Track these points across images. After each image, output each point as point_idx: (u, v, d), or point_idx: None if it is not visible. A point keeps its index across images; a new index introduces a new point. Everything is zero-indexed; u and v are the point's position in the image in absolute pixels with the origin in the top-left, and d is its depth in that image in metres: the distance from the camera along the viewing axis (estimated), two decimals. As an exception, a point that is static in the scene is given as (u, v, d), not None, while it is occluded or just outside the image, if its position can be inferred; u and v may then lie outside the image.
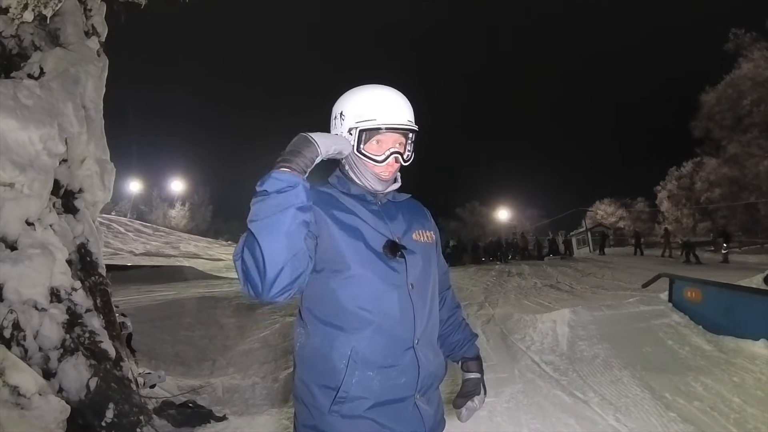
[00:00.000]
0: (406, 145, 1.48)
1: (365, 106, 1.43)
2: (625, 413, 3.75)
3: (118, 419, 3.62)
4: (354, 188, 1.45)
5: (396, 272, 1.37)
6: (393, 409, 1.32)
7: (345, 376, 1.27)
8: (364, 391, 1.29)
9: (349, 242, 1.32)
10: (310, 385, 1.32)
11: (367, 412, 1.29)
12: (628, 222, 37.97)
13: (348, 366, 1.28)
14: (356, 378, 1.28)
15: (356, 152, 1.43)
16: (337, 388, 1.28)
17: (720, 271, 13.04)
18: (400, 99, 1.47)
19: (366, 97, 1.46)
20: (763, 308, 5.24)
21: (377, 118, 1.41)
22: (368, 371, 1.29)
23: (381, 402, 1.30)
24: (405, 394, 1.35)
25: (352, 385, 1.28)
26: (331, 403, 1.27)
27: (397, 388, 1.33)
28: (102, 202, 5.05)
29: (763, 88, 23.62)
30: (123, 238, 24.75)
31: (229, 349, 7.47)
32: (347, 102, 1.46)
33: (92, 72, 4.90)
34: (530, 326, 6.69)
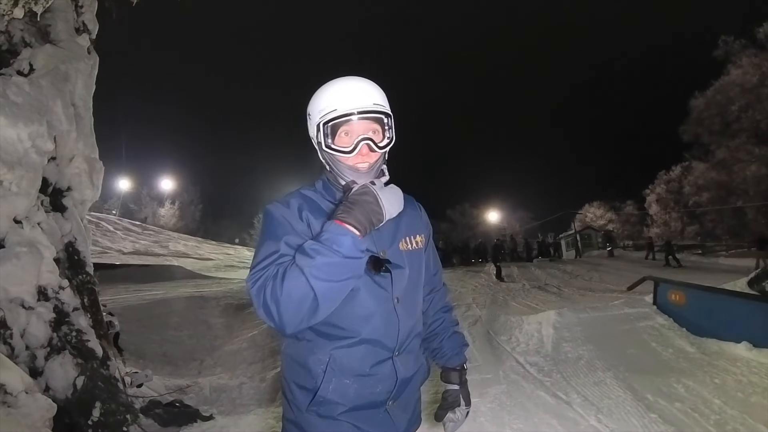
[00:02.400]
0: (383, 132, 1.40)
1: (326, 98, 1.38)
2: (606, 414, 3.79)
3: (104, 418, 3.61)
4: (339, 194, 1.40)
5: (381, 287, 1.35)
6: (366, 414, 1.34)
7: (322, 381, 1.29)
8: (339, 397, 1.30)
9: None
10: (291, 384, 1.37)
11: (342, 415, 1.31)
12: (617, 225, 38.30)
13: (325, 372, 1.29)
14: (333, 384, 1.30)
15: (325, 149, 1.37)
16: (315, 391, 1.30)
17: (704, 273, 13.20)
18: (362, 84, 1.41)
19: (326, 90, 1.40)
20: (745, 311, 5.34)
21: (337, 108, 1.34)
22: (345, 379, 1.31)
23: (355, 407, 1.32)
24: (378, 400, 1.36)
25: (329, 391, 1.29)
26: (309, 403, 1.30)
27: (373, 395, 1.34)
28: (90, 200, 5.02)
29: (751, 95, 23.96)
30: (112, 237, 24.52)
31: (216, 348, 7.46)
32: (312, 101, 1.41)
33: (82, 69, 4.89)
34: (516, 328, 6.76)
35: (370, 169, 1.37)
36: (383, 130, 1.40)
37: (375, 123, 1.38)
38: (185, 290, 11.60)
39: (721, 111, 25.35)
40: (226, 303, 10.01)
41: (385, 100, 1.43)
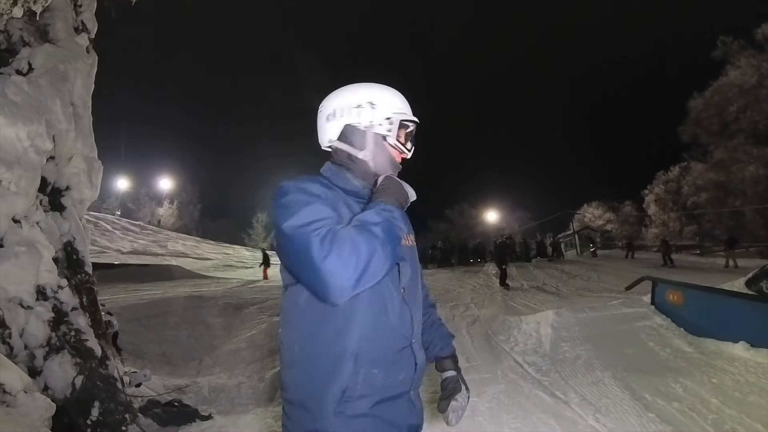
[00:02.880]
0: None
1: (396, 99, 1.54)
2: (604, 413, 3.80)
3: (103, 417, 3.62)
4: (350, 184, 1.47)
5: (390, 278, 1.38)
6: (392, 405, 1.34)
7: (352, 375, 1.29)
8: (368, 389, 1.30)
9: None
10: (312, 388, 1.30)
11: (371, 409, 1.30)
12: (615, 225, 38.33)
13: (355, 364, 1.29)
14: (362, 376, 1.29)
15: (388, 141, 1.52)
16: (344, 389, 1.28)
17: (702, 273, 13.24)
18: None
19: (392, 92, 1.55)
20: (743, 311, 5.34)
21: (407, 112, 1.54)
22: (373, 369, 1.31)
23: (383, 399, 1.32)
24: (402, 390, 1.38)
25: (358, 384, 1.29)
26: (337, 403, 1.28)
27: (397, 385, 1.36)
28: (89, 200, 5.02)
29: (749, 95, 24.01)
30: (110, 236, 24.52)
31: (215, 348, 7.46)
32: (374, 93, 1.52)
33: (81, 69, 4.89)
34: (515, 327, 6.77)
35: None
36: None
37: None
38: (184, 290, 11.62)
39: (719, 112, 25.40)
40: (224, 303, 10.02)
41: None
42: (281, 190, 1.34)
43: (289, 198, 1.31)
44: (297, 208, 1.26)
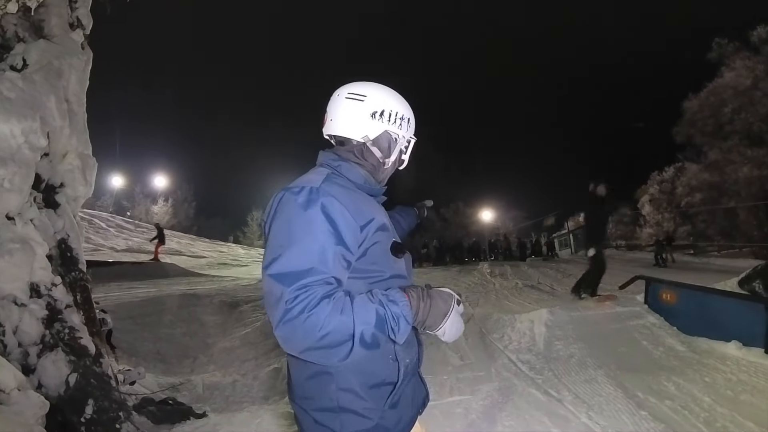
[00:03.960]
0: None
1: (409, 114, 1.55)
2: (597, 411, 3.82)
3: (97, 415, 3.61)
4: (363, 180, 1.46)
5: (404, 268, 1.48)
6: (413, 383, 1.46)
7: (399, 369, 1.35)
8: (406, 376, 1.38)
9: (382, 248, 1.36)
10: (360, 391, 1.31)
11: (404, 392, 1.38)
12: (609, 225, 38.45)
13: (398, 360, 1.34)
14: (402, 369, 1.35)
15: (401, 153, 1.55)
16: (394, 383, 1.34)
17: (696, 273, 13.30)
18: None
19: (405, 103, 1.55)
20: (735, 310, 5.38)
21: (411, 127, 1.56)
22: (406, 359, 1.38)
23: (409, 380, 1.42)
24: (416, 369, 1.50)
25: (402, 374, 1.35)
26: (387, 397, 1.33)
27: (413, 364, 1.45)
28: (83, 197, 5.01)
29: (744, 97, 24.16)
30: (104, 234, 24.40)
31: (210, 346, 7.46)
32: (408, 110, 1.55)
33: (76, 65, 4.86)
34: (509, 326, 6.78)
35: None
36: None
37: None
38: (178, 288, 11.59)
39: (714, 113, 25.55)
40: (219, 301, 10.01)
41: None
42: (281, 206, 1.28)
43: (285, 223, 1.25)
44: (288, 247, 1.20)
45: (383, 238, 1.36)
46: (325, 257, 1.19)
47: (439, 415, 3.98)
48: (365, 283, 1.31)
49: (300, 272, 1.16)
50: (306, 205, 1.23)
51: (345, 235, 1.24)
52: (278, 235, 1.24)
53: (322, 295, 1.13)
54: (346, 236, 1.24)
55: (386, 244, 1.37)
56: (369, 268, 1.32)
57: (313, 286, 1.14)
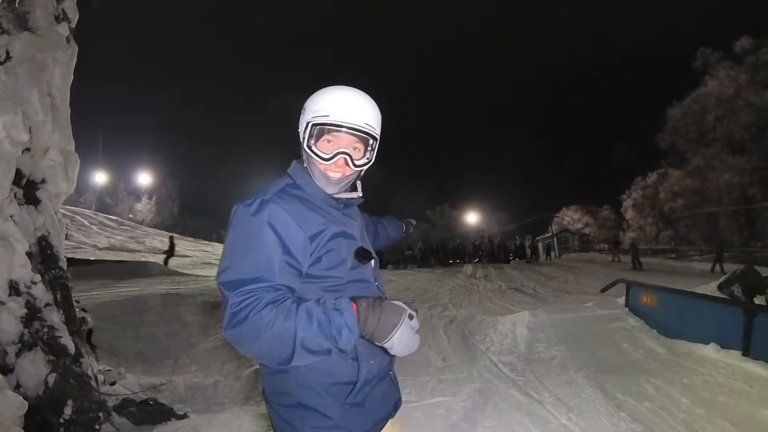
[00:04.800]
0: (365, 152, 1.47)
1: (324, 101, 1.42)
2: (577, 413, 3.87)
3: (76, 416, 3.57)
4: (319, 191, 1.45)
5: (370, 274, 1.50)
6: (383, 386, 1.48)
7: (358, 369, 1.37)
8: (369, 377, 1.40)
9: (338, 255, 1.38)
10: (319, 388, 1.36)
11: (370, 393, 1.41)
12: (593, 229, 38.93)
13: (357, 360, 1.37)
14: (365, 369, 1.38)
15: (306, 147, 1.43)
16: (353, 382, 1.37)
17: (677, 277, 13.52)
18: (362, 101, 1.45)
19: (327, 93, 1.44)
20: (714, 314, 5.50)
21: (330, 115, 1.39)
22: (370, 360, 1.40)
23: (378, 382, 1.44)
24: (386, 371, 1.50)
25: (363, 375, 1.38)
26: (347, 396, 1.36)
27: (383, 367, 1.47)
28: (65, 193, 4.93)
29: (726, 105, 24.70)
30: (87, 231, 24.14)
31: (192, 347, 7.39)
32: (311, 98, 1.45)
33: (60, 59, 4.79)
34: (491, 328, 6.84)
35: (341, 181, 1.46)
36: (365, 150, 1.47)
37: (360, 141, 1.45)
38: (161, 287, 11.47)
39: (697, 120, 26.12)
40: (202, 300, 9.91)
41: (379, 124, 1.49)
42: (234, 218, 1.34)
43: (236, 234, 1.32)
44: (237, 256, 1.28)
45: (339, 246, 1.38)
46: (271, 266, 1.24)
47: (421, 416, 4.00)
48: (320, 288, 1.35)
49: (246, 280, 1.22)
50: (254, 216, 1.29)
51: (291, 245, 1.28)
52: (229, 246, 1.31)
53: (267, 301, 1.18)
54: (292, 246, 1.28)
55: (343, 252, 1.39)
56: (324, 274, 1.36)
57: (258, 292, 1.20)
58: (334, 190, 1.46)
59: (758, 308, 5.34)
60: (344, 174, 1.44)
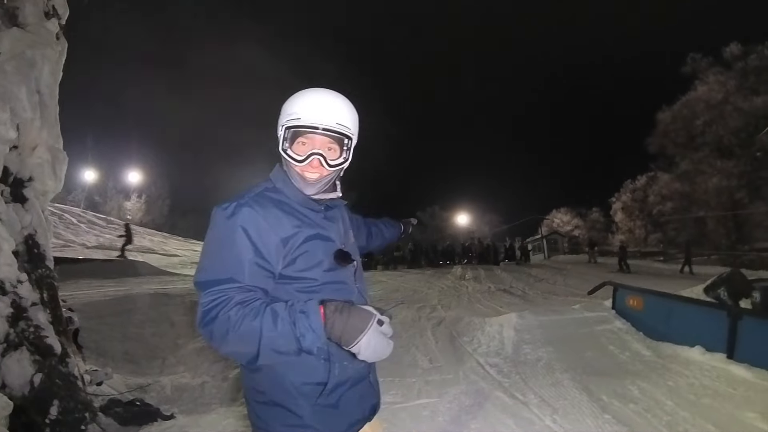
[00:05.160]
0: (340, 151, 1.49)
1: (297, 104, 1.45)
2: (562, 415, 3.90)
3: (62, 416, 3.56)
4: (297, 193, 1.47)
5: (349, 276, 1.51)
6: (358, 390, 1.48)
7: (329, 370, 1.39)
8: (342, 379, 1.42)
9: (313, 257, 1.41)
10: (291, 387, 1.39)
11: (342, 397, 1.43)
12: (583, 231, 39.19)
13: (329, 360, 1.39)
14: (337, 369, 1.40)
15: (281, 151, 1.48)
16: (324, 383, 1.39)
17: (664, 279, 13.65)
18: (335, 101, 1.47)
19: (300, 96, 1.47)
20: (699, 317, 5.57)
21: (302, 117, 1.42)
22: (344, 361, 1.42)
23: (353, 384, 1.46)
24: (364, 374, 1.51)
25: (335, 376, 1.40)
26: (318, 396, 1.38)
27: (360, 370, 1.48)
28: (52, 192, 4.89)
29: (715, 110, 25.01)
30: (75, 230, 23.87)
31: (180, 347, 7.34)
32: (286, 102, 1.48)
33: (50, 56, 4.75)
34: (479, 329, 6.87)
35: (318, 182, 1.48)
36: (341, 150, 1.49)
37: (334, 141, 1.47)
38: (149, 287, 11.39)
39: (686, 125, 26.42)
40: (190, 300, 9.82)
41: (354, 122, 1.51)
42: (211, 220, 1.38)
43: (212, 236, 1.37)
44: (211, 258, 1.35)
45: (314, 248, 1.41)
46: (242, 268, 1.30)
47: (407, 418, 4.02)
48: (294, 289, 1.39)
49: (218, 281, 1.28)
50: (229, 219, 1.34)
51: (262, 247, 1.32)
52: (205, 247, 1.37)
53: (236, 301, 1.24)
54: (263, 248, 1.33)
55: (319, 254, 1.42)
56: (298, 276, 1.39)
57: (229, 292, 1.26)
58: (313, 191, 1.48)
59: (743, 312, 5.41)
60: (321, 175, 1.47)
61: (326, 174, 1.48)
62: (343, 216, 1.61)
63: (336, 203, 1.58)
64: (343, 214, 1.62)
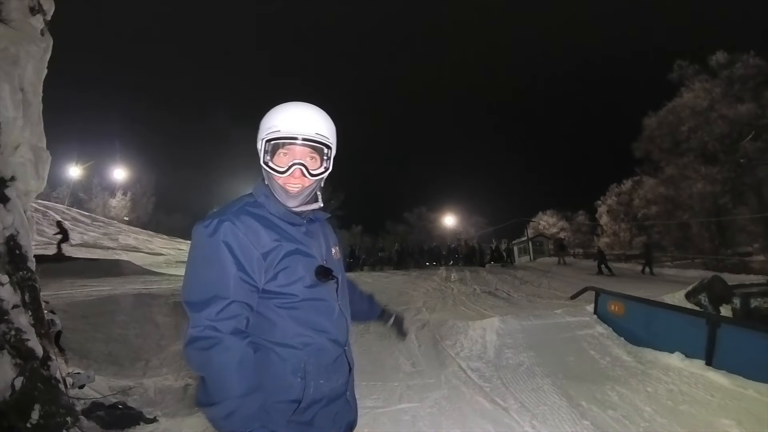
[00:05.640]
0: (321, 161, 1.52)
1: (275, 118, 1.48)
2: (541, 420, 3.95)
3: (44, 420, 3.53)
4: (279, 207, 1.49)
5: (330, 293, 1.51)
6: (334, 407, 1.48)
7: (304, 388, 1.40)
8: (317, 397, 1.43)
9: (294, 273, 1.42)
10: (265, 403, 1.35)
11: (318, 415, 1.43)
12: (568, 233, 39.49)
13: (305, 379, 1.40)
14: (312, 388, 1.41)
15: (263, 164, 1.50)
16: (298, 401, 1.39)
17: (648, 283, 13.81)
18: (312, 113, 1.51)
19: (278, 110, 1.50)
20: (680, 323, 5.66)
21: (281, 129, 1.46)
22: (320, 380, 1.43)
23: (329, 402, 1.46)
24: (341, 392, 1.52)
25: (309, 395, 1.40)
26: (292, 414, 1.38)
27: (336, 388, 1.50)
28: (35, 191, 4.84)
29: (700, 117, 25.35)
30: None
31: (163, 349, 7.29)
32: (264, 117, 1.51)
33: (34, 53, 4.70)
34: (462, 333, 6.89)
35: (300, 193, 1.50)
36: (321, 160, 1.52)
37: (314, 151, 1.51)
38: (133, 287, 11.28)
39: (672, 131, 26.73)
40: (174, 301, 9.75)
41: (332, 133, 1.54)
42: (193, 237, 1.40)
43: (196, 254, 1.39)
44: (197, 276, 1.37)
45: (294, 264, 1.43)
46: (226, 284, 1.32)
47: (387, 422, 4.06)
48: (275, 305, 1.42)
49: (205, 300, 1.31)
50: (210, 235, 1.36)
51: (245, 262, 1.35)
52: (190, 264, 1.39)
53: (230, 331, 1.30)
54: (246, 264, 1.35)
55: (300, 269, 1.44)
56: (279, 291, 1.41)
57: (221, 321, 1.29)
58: (295, 203, 1.50)
59: (721, 319, 5.52)
60: (303, 186, 1.49)
61: (308, 185, 1.50)
62: (325, 232, 1.62)
63: (318, 216, 1.59)
64: (325, 231, 1.63)
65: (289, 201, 1.49)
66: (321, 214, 1.61)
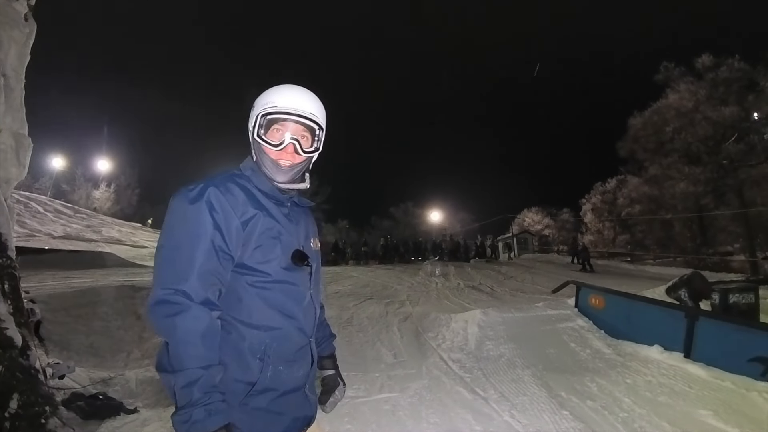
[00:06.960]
0: (312, 140, 1.56)
1: (272, 95, 1.52)
2: (520, 410, 4.01)
3: (22, 410, 3.51)
4: (265, 183, 1.50)
5: (303, 280, 1.50)
6: (290, 399, 1.46)
7: (261, 371, 1.38)
8: (273, 384, 1.40)
9: (270, 251, 1.42)
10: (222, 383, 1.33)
11: (271, 403, 1.41)
12: (553, 230, 39.85)
13: (264, 361, 1.38)
14: (270, 372, 1.39)
15: (256, 137, 1.51)
16: (252, 383, 1.37)
17: (630, 279, 13.99)
18: (306, 94, 1.55)
19: (275, 89, 1.54)
20: (659, 317, 5.78)
21: (277, 105, 1.49)
22: (279, 365, 1.41)
23: (283, 393, 1.44)
24: (299, 384, 1.50)
25: (267, 379, 1.38)
26: (243, 396, 1.36)
27: (295, 380, 1.48)
28: (15, 179, 4.78)
29: (685, 118, 25.66)
30: (41, 219, 23.16)
31: (145, 340, 7.25)
32: (260, 95, 1.55)
33: (16, 38, 4.63)
34: (444, 325, 6.96)
35: (291, 169, 1.53)
36: (313, 139, 1.56)
37: (307, 130, 1.54)
38: (116, 279, 11.16)
39: (656, 131, 27.01)
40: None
41: (324, 117, 1.58)
42: (173, 201, 1.38)
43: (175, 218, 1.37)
44: (172, 235, 1.35)
45: (271, 243, 1.43)
46: (203, 247, 1.31)
47: (368, 412, 4.09)
48: (246, 282, 1.40)
49: (178, 260, 1.30)
50: (194, 200, 1.35)
51: (225, 230, 1.35)
52: (165, 226, 1.37)
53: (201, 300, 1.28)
54: (225, 231, 1.35)
55: (277, 249, 1.44)
56: (253, 266, 1.41)
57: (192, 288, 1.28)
58: (284, 179, 1.52)
59: (700, 313, 5.62)
60: (294, 161, 1.52)
61: (299, 161, 1.53)
62: (306, 221, 1.63)
63: (303, 202, 1.61)
64: (307, 219, 1.64)
65: (279, 175, 1.51)
66: (305, 200, 1.63)
